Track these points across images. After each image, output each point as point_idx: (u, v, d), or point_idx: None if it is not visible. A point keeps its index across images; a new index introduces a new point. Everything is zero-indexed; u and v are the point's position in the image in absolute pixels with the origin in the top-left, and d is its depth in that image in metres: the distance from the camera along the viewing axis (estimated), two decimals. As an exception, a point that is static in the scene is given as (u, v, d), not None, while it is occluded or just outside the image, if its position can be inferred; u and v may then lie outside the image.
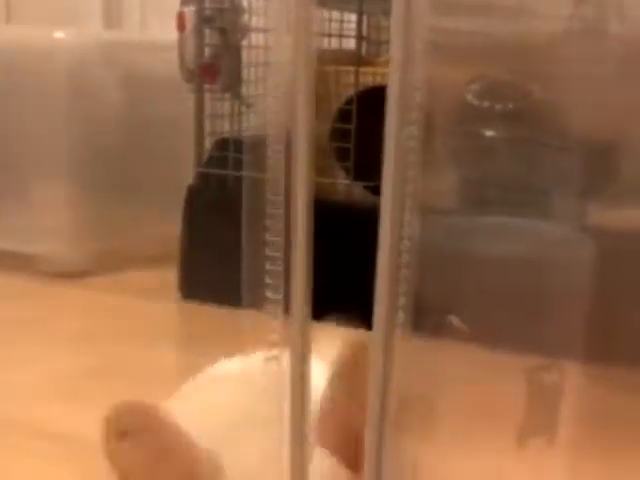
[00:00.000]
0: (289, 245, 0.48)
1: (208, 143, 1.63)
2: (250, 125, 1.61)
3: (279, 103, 0.48)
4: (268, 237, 0.50)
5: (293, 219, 0.46)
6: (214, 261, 1.48)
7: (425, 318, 0.49)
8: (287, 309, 0.49)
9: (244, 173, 0.52)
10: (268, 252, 0.49)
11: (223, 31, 1.60)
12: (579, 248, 1.13)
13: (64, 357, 1.31)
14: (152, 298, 1.60)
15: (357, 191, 1.58)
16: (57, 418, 1.07)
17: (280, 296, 0.49)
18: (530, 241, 1.17)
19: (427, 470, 0.56)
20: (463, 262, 1.07)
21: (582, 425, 0.91)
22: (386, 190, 0.43)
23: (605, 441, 0.95)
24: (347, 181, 1.57)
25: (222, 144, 1.59)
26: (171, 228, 1.63)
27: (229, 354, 0.65)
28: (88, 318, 1.50)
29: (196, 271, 1.58)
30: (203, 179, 1.60)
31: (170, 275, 1.61)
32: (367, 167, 1.50)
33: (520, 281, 1.10)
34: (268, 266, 0.49)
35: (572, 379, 1.01)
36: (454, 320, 0.79)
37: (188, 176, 1.63)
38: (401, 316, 0.46)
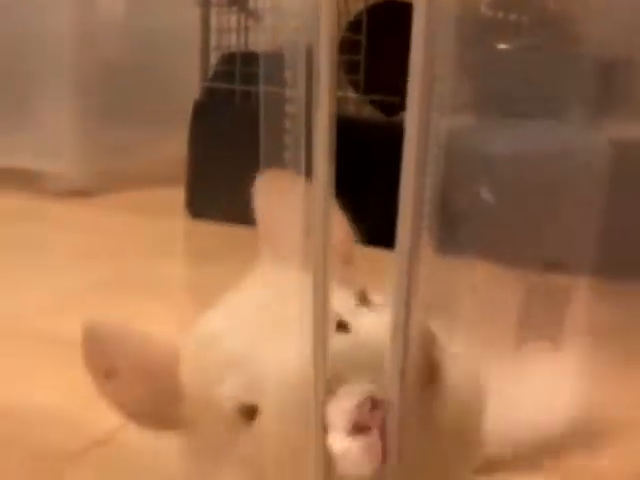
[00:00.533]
0: (309, 158, 0.46)
1: (213, 58, 1.60)
2: (257, 39, 1.58)
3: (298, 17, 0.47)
4: (287, 155, 0.49)
5: (315, 135, 0.45)
6: (222, 178, 1.46)
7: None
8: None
9: (262, 88, 0.51)
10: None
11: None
12: (596, 155, 1.12)
13: (71, 273, 1.30)
14: (159, 216, 1.58)
15: (366, 107, 1.56)
16: (67, 328, 1.06)
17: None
18: (548, 143, 1.16)
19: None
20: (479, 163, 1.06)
21: (587, 333, 0.91)
22: (412, 95, 0.41)
23: (610, 349, 0.95)
24: (355, 95, 1.54)
25: (228, 59, 1.56)
26: (177, 146, 1.61)
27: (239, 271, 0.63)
28: (94, 235, 1.48)
29: (204, 189, 1.57)
30: (209, 94, 1.57)
31: (177, 194, 1.59)
32: (377, 81, 1.48)
33: (537, 181, 1.09)
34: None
35: (580, 290, 1.01)
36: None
37: (194, 92, 1.61)
38: (425, 236, 0.45)
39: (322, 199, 0.44)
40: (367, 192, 1.31)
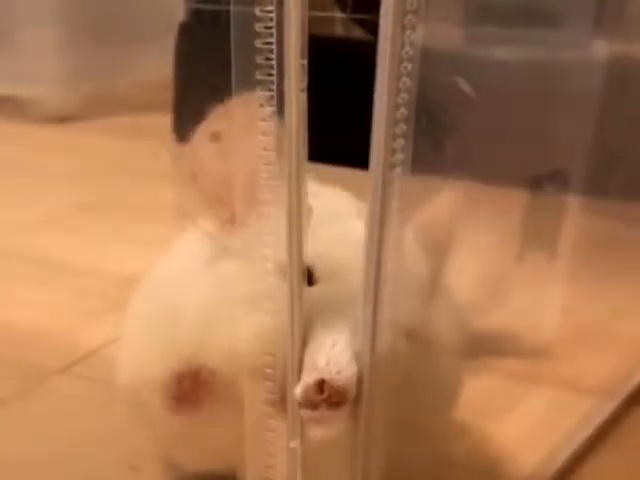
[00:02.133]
0: (281, 80, 0.46)
1: (199, -22, 1.57)
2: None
3: None
4: (259, 76, 0.48)
5: (286, 54, 0.44)
6: (209, 101, 1.45)
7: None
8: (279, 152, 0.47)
9: (232, 7, 0.50)
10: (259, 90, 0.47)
11: None
12: (590, 70, 1.11)
13: (59, 195, 1.30)
14: (146, 140, 1.56)
15: (354, 27, 1.53)
16: (54, 248, 1.07)
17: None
18: (539, 54, 1.14)
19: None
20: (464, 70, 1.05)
21: (581, 248, 0.92)
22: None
23: (602, 263, 0.97)
24: (343, 15, 1.52)
25: (213, -21, 1.53)
26: (163, 71, 1.59)
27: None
28: (79, 159, 1.48)
29: (191, 112, 1.54)
30: (195, 15, 1.55)
31: (164, 119, 1.57)
32: (363, 0, 1.46)
33: (526, 89, 1.08)
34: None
35: (572, 209, 1.01)
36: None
37: (179, 14, 1.58)
38: (399, 157, 0.45)
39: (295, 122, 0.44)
40: (356, 112, 1.29)
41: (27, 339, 0.86)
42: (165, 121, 1.56)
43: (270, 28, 0.46)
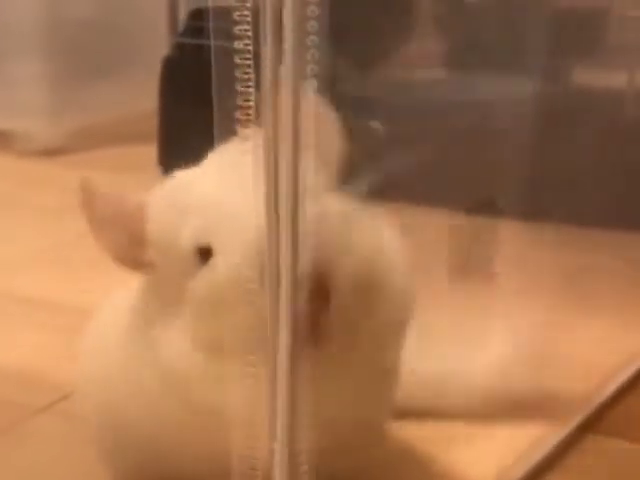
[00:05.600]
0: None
1: (182, 14, 1.59)
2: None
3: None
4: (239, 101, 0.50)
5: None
6: (194, 133, 1.45)
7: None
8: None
9: (213, 42, 0.52)
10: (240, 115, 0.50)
11: None
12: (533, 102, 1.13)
13: (45, 230, 1.30)
14: (133, 173, 1.57)
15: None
16: (36, 286, 1.07)
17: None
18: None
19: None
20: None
21: (517, 271, 0.94)
22: None
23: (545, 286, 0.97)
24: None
25: (197, 14, 1.54)
26: (149, 104, 1.59)
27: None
28: (66, 192, 1.47)
29: (176, 144, 1.55)
30: (179, 50, 1.56)
31: (150, 151, 1.58)
32: None
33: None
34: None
35: (509, 231, 1.03)
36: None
37: (163, 49, 1.59)
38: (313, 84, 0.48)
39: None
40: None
41: (10, 378, 0.86)
42: (151, 153, 1.57)
43: (249, 59, 0.49)
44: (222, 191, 0.58)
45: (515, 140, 1.09)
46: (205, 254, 0.57)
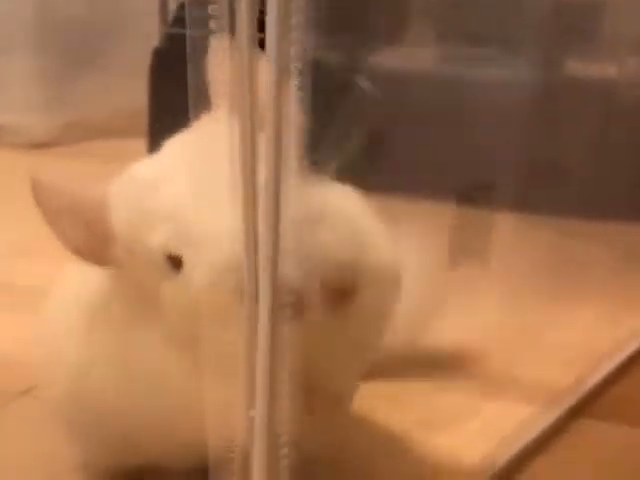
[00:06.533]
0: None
1: (172, 4, 1.58)
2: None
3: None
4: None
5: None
6: (183, 125, 1.45)
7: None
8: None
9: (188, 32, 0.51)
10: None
11: None
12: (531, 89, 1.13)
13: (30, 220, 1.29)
14: (123, 164, 1.57)
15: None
16: (19, 274, 1.07)
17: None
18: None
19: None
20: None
21: (517, 258, 0.93)
22: None
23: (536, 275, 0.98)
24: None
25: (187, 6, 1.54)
26: (138, 98, 1.59)
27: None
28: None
29: (166, 135, 1.55)
30: (169, 41, 1.55)
31: (140, 144, 1.58)
32: None
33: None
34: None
35: (502, 222, 1.03)
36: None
37: (153, 41, 1.58)
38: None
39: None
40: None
41: None
42: (141, 146, 1.56)
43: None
44: (192, 195, 0.55)
45: (507, 127, 1.09)
46: (176, 262, 0.55)
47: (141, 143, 1.56)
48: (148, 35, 1.59)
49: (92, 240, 0.58)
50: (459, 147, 1.12)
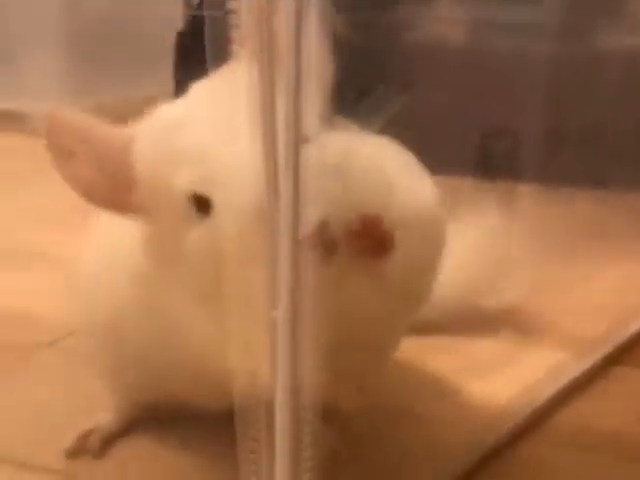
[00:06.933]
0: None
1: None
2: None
3: None
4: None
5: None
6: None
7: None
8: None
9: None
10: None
11: None
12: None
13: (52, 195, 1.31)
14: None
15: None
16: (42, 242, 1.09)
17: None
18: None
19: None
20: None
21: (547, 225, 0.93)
22: None
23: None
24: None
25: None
26: (162, 87, 1.58)
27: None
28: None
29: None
30: (192, 24, 1.55)
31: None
32: None
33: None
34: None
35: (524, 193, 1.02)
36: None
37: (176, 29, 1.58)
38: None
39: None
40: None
41: (11, 320, 0.88)
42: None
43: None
44: (217, 137, 0.53)
45: (535, 98, 1.08)
46: (202, 204, 0.53)
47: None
48: (169, 20, 1.58)
49: (111, 184, 0.56)
50: (484, 115, 1.11)
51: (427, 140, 0.59)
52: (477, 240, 0.84)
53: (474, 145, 1.12)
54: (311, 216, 0.47)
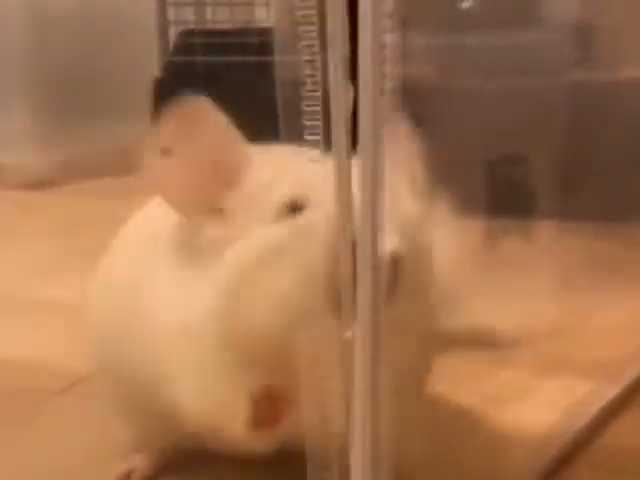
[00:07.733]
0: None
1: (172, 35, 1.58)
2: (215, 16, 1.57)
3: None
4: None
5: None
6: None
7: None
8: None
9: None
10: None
11: None
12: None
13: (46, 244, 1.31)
14: (125, 202, 1.55)
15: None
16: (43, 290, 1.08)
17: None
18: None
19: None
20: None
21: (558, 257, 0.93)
22: None
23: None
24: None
25: (188, 34, 1.53)
26: (133, 136, 1.57)
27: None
28: (62, 217, 1.47)
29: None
30: (169, 70, 1.54)
31: (132, 182, 1.56)
32: None
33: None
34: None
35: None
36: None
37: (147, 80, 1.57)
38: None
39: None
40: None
41: (25, 368, 0.87)
42: (136, 183, 1.54)
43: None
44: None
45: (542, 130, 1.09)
46: (295, 208, 0.53)
47: (132, 180, 1.54)
48: (145, 74, 1.57)
49: (216, 185, 0.55)
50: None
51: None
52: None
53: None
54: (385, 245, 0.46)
